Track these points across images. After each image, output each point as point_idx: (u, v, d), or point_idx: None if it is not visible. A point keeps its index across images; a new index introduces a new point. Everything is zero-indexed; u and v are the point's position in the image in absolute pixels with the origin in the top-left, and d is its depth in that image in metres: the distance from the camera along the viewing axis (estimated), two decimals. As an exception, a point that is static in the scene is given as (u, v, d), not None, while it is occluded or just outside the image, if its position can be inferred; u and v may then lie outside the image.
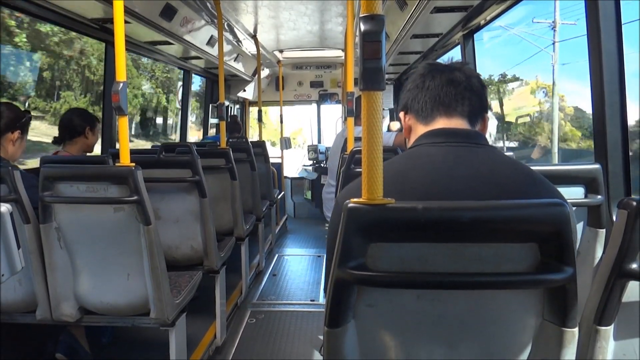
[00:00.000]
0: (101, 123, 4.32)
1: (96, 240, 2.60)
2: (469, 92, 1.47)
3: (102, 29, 4.12)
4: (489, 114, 1.56)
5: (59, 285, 2.61)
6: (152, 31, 4.40)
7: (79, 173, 2.51)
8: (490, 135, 2.93)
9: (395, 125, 6.14)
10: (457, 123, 1.46)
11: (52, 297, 2.62)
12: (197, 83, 8.74)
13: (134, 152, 2.59)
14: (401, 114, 1.61)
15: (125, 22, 2.93)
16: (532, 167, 1.40)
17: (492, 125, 3.36)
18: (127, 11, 3.65)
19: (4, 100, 5.13)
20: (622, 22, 2.21)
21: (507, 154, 1.94)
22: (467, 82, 1.47)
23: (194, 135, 8.87)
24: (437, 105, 1.48)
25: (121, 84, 2.43)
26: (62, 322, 2.71)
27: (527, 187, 1.31)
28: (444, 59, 1.64)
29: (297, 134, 23.68)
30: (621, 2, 2.20)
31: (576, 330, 1.16)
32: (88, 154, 3.72)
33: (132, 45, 4.80)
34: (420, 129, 1.52)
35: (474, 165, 1.34)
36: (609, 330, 1.39)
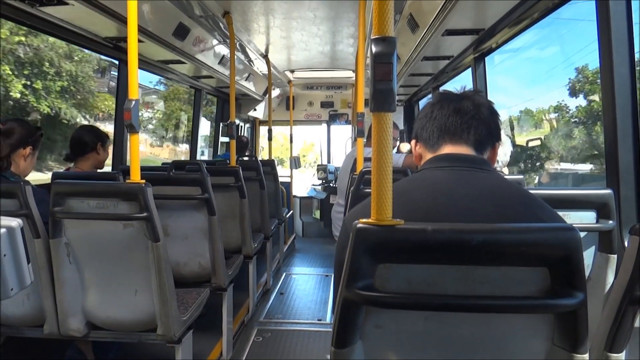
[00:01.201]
0: (113, 140, 4.36)
1: (105, 256, 2.60)
2: (475, 122, 1.48)
3: (115, 48, 4.17)
4: (505, 138, 1.57)
5: (67, 300, 2.61)
6: (165, 50, 4.45)
7: (90, 189, 2.52)
8: (498, 162, 2.91)
9: (405, 147, 6.13)
10: (463, 149, 1.49)
11: (60, 312, 2.62)
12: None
13: (144, 169, 2.61)
14: (412, 142, 1.64)
15: (139, 41, 2.97)
16: (545, 191, 1.40)
17: (507, 151, 3.35)
18: (141, 30, 3.70)
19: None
20: (635, 49, 2.22)
21: (517, 177, 1.93)
22: (474, 111, 1.49)
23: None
24: (443, 134, 1.51)
25: (133, 102, 2.45)
26: (70, 337, 2.70)
27: (527, 210, 1.32)
28: (455, 85, 1.65)
29: (307, 151, 23.38)
30: (634, 29, 2.21)
31: (587, 356, 1.15)
32: (99, 170, 3.75)
33: (144, 63, 4.85)
34: (427, 156, 1.55)
35: (476, 187, 1.36)
36: (619, 358, 1.38)
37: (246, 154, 7.23)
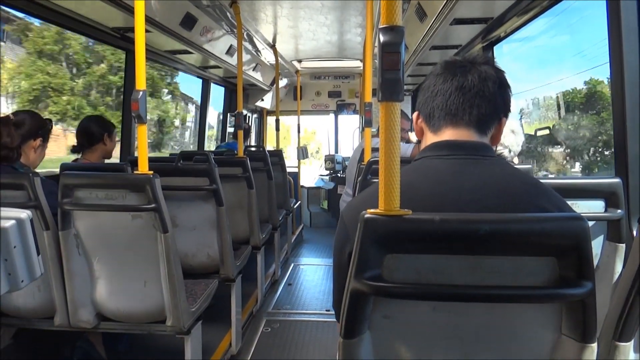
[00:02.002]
0: (120, 131, 4.37)
1: (114, 247, 2.62)
2: (478, 99, 1.41)
3: (122, 38, 4.18)
4: (517, 127, 1.52)
5: (77, 292, 2.62)
6: (173, 40, 4.45)
7: (98, 180, 2.53)
8: (510, 152, 2.86)
9: (414, 137, 6.09)
10: (464, 134, 1.43)
11: (70, 304, 2.63)
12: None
13: (152, 160, 2.61)
14: (414, 114, 1.58)
15: (146, 31, 2.96)
16: (553, 180, 1.38)
17: (519, 140, 3.32)
18: (148, 20, 3.70)
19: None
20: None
21: (525, 166, 1.92)
22: (479, 86, 1.41)
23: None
24: (444, 115, 1.44)
25: (141, 93, 2.45)
26: (80, 329, 2.72)
27: (533, 199, 1.29)
28: None
29: (309, 140, 23.09)
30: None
31: (595, 345, 1.14)
32: (106, 160, 3.75)
33: (152, 54, 4.86)
34: (429, 137, 1.50)
35: (480, 177, 1.32)
36: (628, 347, 1.37)
37: (249, 143, 7.20)
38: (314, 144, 22.61)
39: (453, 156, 1.39)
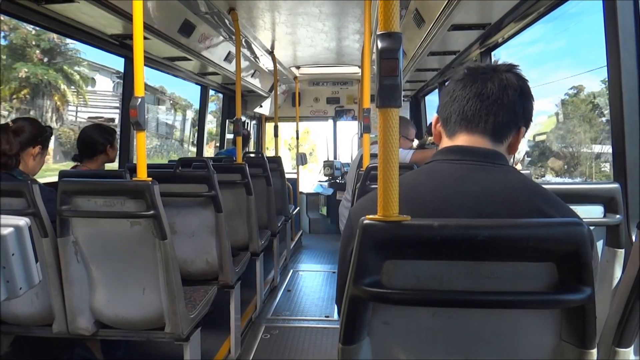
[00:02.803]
0: (119, 138, 4.37)
1: (112, 254, 2.61)
2: (496, 107, 1.39)
3: (121, 45, 4.18)
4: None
5: (76, 299, 2.62)
6: (171, 47, 4.46)
7: (97, 187, 2.53)
8: (512, 159, 2.82)
9: (415, 142, 6.12)
10: (477, 141, 1.42)
11: (69, 311, 2.63)
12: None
13: (150, 167, 2.61)
14: (434, 118, 1.57)
15: (145, 38, 2.97)
16: (552, 186, 1.38)
17: (520, 148, 3.28)
18: (147, 27, 3.70)
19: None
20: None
21: (524, 172, 1.92)
22: (498, 94, 1.39)
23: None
24: (460, 120, 1.44)
25: (139, 99, 2.45)
26: (78, 336, 2.71)
27: (539, 207, 1.28)
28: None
29: (302, 140, 22.74)
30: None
31: (595, 351, 1.14)
32: (106, 166, 3.76)
33: (150, 60, 4.86)
34: (444, 142, 1.49)
35: (486, 183, 1.32)
36: (628, 352, 1.37)
37: (247, 149, 7.20)
38: (308, 144, 22.34)
39: (462, 161, 1.38)
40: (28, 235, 1.04)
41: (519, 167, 3.15)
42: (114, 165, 4.20)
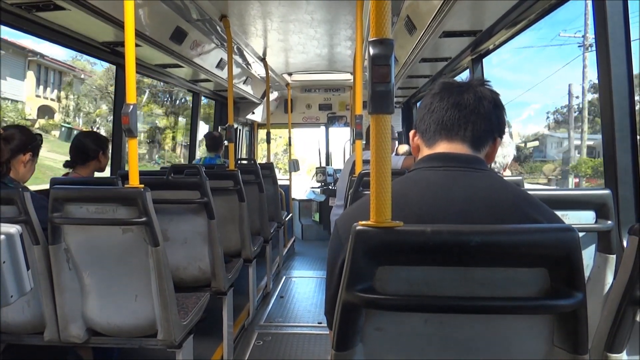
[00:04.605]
0: (111, 144, 4.35)
1: (104, 261, 2.60)
2: (474, 116, 1.44)
3: (113, 52, 4.18)
4: (507, 139, 1.54)
5: (67, 307, 2.60)
6: (163, 54, 4.46)
7: (88, 194, 2.52)
8: (495, 163, 2.86)
9: (403, 149, 6.12)
10: (458, 148, 1.45)
11: (60, 318, 2.61)
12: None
13: (143, 174, 2.60)
14: (411, 132, 1.60)
15: (136, 45, 2.97)
16: (544, 192, 1.39)
17: (507, 152, 3.30)
18: (138, 34, 3.70)
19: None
20: (632, 46, 2.22)
21: (515, 178, 1.93)
22: (475, 104, 1.44)
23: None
24: (440, 129, 1.47)
25: (131, 107, 2.45)
26: (70, 344, 2.70)
27: (524, 211, 1.30)
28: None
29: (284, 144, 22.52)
30: (630, 26, 2.21)
31: (587, 357, 1.14)
32: (97, 173, 3.74)
33: (142, 68, 4.86)
34: (424, 151, 1.52)
35: (471, 188, 1.33)
36: (620, 358, 1.38)
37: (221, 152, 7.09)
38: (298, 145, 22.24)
39: (445, 167, 1.40)
40: (19, 242, 1.03)
41: (507, 172, 3.17)
42: (105, 174, 4.18)
